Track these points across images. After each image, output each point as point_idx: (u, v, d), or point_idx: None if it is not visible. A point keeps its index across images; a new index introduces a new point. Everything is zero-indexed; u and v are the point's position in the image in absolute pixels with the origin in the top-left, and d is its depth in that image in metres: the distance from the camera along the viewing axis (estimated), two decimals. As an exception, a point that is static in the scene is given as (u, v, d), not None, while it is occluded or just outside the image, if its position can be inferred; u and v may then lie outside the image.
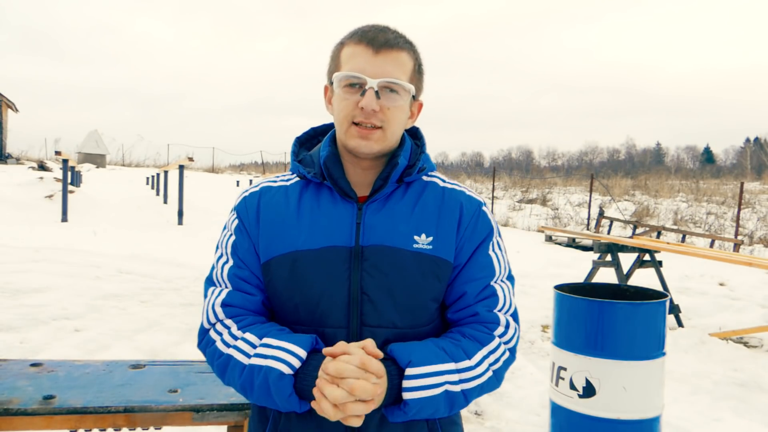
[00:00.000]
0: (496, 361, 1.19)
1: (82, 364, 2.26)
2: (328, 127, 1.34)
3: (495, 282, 1.24)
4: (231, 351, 1.14)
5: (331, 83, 1.21)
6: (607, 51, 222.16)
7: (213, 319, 1.20)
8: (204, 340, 1.21)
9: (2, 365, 2.22)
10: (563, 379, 2.36)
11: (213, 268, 1.26)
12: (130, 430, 1.94)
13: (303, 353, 1.08)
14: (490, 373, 1.17)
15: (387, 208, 1.21)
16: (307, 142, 1.34)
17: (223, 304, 1.20)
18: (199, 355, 1.52)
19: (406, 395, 1.08)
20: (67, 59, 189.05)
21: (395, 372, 1.09)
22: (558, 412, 2.40)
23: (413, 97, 1.23)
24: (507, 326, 1.23)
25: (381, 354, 1.08)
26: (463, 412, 3.81)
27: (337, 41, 1.23)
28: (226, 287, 1.21)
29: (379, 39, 1.16)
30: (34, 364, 2.22)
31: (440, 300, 1.23)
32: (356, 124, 1.17)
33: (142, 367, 2.25)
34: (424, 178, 1.28)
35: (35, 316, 5.22)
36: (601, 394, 2.26)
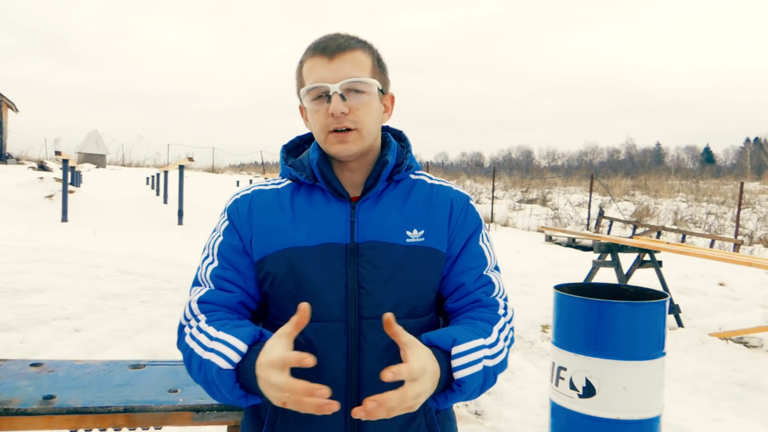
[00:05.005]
0: (507, 338, 1.23)
1: (82, 364, 2.25)
2: (312, 136, 1.39)
3: (488, 271, 1.28)
4: (193, 344, 1.16)
5: (302, 101, 1.26)
6: (607, 53, 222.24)
7: (189, 315, 1.22)
8: (179, 338, 1.23)
9: (2, 365, 2.22)
10: (563, 379, 2.36)
11: (198, 269, 1.29)
12: (130, 430, 1.94)
13: (243, 347, 1.08)
14: (506, 350, 1.21)
15: (379, 205, 1.25)
16: (294, 149, 1.38)
17: (200, 301, 1.22)
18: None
19: (460, 374, 1.09)
20: (77, 62, 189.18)
21: (442, 356, 1.10)
22: (558, 412, 2.40)
23: (381, 91, 1.26)
24: (506, 308, 1.28)
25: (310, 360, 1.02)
26: (463, 412, 3.81)
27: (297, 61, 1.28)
28: (208, 286, 1.23)
29: (330, 46, 1.20)
30: (34, 364, 2.22)
31: (437, 290, 1.27)
32: (332, 131, 1.20)
33: (142, 367, 2.25)
34: (412, 176, 1.32)
35: (35, 316, 5.22)
36: (601, 394, 2.26)
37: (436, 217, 1.25)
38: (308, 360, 0.98)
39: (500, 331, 1.22)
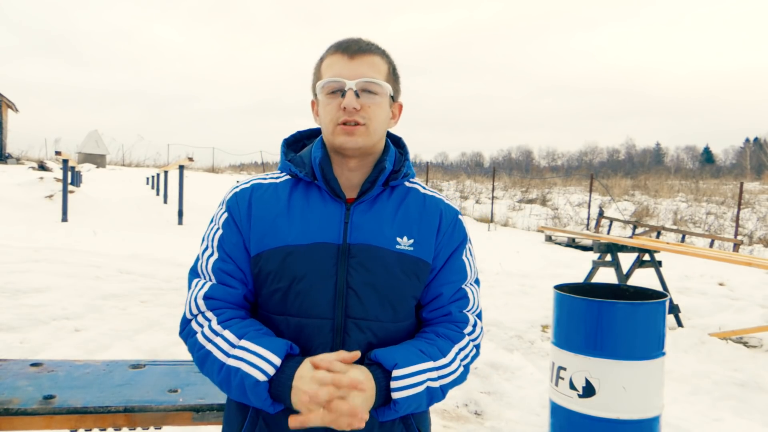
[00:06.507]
0: (466, 356, 1.31)
1: (82, 364, 2.26)
2: (313, 132, 1.43)
3: (466, 285, 1.34)
4: (210, 347, 1.20)
5: (316, 95, 1.30)
6: (607, 54, 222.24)
7: (195, 311, 1.25)
8: (185, 330, 1.27)
9: (2, 365, 2.22)
10: (563, 379, 2.36)
11: (198, 259, 1.32)
12: (130, 430, 1.94)
13: (278, 360, 1.15)
14: (461, 368, 1.29)
15: (373, 210, 1.29)
16: (294, 143, 1.42)
17: (205, 297, 1.25)
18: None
19: (396, 395, 1.17)
20: (80, 62, 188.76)
21: (381, 375, 1.17)
22: (558, 412, 2.40)
23: (392, 98, 1.32)
24: (474, 325, 1.34)
25: (357, 355, 1.16)
26: (464, 412, 3.82)
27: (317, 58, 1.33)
28: (210, 280, 1.27)
29: (352, 47, 1.26)
30: (34, 364, 2.22)
31: (418, 297, 1.32)
32: (341, 123, 1.24)
33: (142, 367, 2.25)
34: (407, 183, 1.37)
35: (35, 316, 5.22)
36: (600, 394, 2.26)
37: (426, 228, 1.30)
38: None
39: (461, 350, 1.29)
